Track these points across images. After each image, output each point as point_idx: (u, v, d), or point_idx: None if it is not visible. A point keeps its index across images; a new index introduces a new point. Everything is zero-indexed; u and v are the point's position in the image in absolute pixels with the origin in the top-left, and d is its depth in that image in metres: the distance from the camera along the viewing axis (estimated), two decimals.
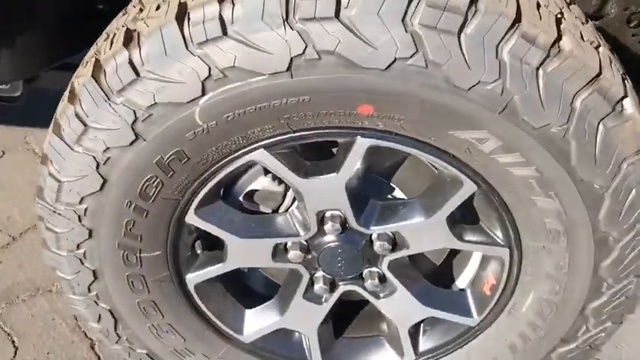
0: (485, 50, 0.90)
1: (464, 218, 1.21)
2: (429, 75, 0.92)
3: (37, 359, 1.74)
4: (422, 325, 1.40)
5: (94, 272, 1.23)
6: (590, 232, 1.09)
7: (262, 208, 1.29)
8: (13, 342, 1.78)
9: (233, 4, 0.90)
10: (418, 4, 0.88)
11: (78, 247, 1.19)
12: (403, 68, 0.91)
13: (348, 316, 1.48)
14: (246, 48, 0.91)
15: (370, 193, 1.21)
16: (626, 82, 1.00)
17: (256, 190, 1.27)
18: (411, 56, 0.90)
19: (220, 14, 0.91)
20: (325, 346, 1.44)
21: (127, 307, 1.30)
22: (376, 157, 1.16)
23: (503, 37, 0.90)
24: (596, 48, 0.97)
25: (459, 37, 0.89)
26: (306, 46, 0.90)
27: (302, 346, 1.43)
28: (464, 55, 0.90)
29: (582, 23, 1.01)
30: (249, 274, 1.44)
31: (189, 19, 0.92)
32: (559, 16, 0.95)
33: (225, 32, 0.91)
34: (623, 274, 1.15)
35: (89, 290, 1.27)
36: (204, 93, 0.96)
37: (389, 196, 1.27)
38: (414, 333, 1.39)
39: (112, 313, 1.31)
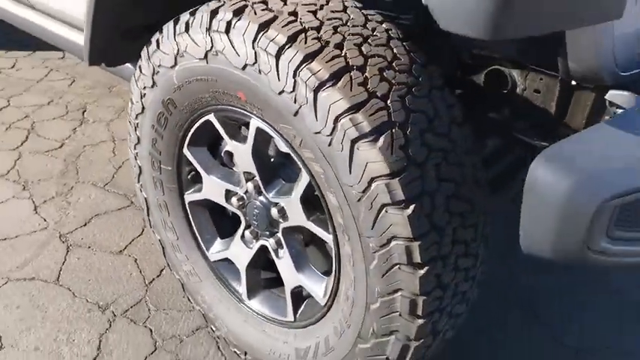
0: (289, 71, 1.41)
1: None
2: (261, 78, 1.47)
3: None
4: (309, 299, 1.83)
5: (140, 168, 2.05)
6: (357, 236, 1.44)
7: (234, 169, 1.92)
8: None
9: (193, 17, 1.62)
10: (262, 35, 1.45)
11: (135, 147, 2.02)
12: (251, 71, 1.49)
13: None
14: (191, 41, 1.61)
15: (284, 175, 1.74)
16: (393, 127, 1.36)
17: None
18: (253, 64, 1.47)
19: (187, 22, 1.63)
20: (251, 289, 1.96)
21: (152, 201, 2.08)
22: None
23: (299, 66, 1.40)
24: (373, 95, 1.36)
25: (277, 59, 1.43)
26: (212, 46, 1.56)
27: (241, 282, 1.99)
28: (278, 70, 1.43)
29: (386, 80, 1.39)
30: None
31: (179, 19, 1.67)
32: (352, 65, 1.38)
33: (187, 31, 1.63)
34: (384, 325, 1.47)
35: (138, 180, 2.09)
36: (176, 63, 1.69)
37: None
38: (298, 300, 1.83)
39: (146, 202, 2.11)
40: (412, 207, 1.36)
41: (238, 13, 1.50)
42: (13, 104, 3.71)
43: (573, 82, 1.60)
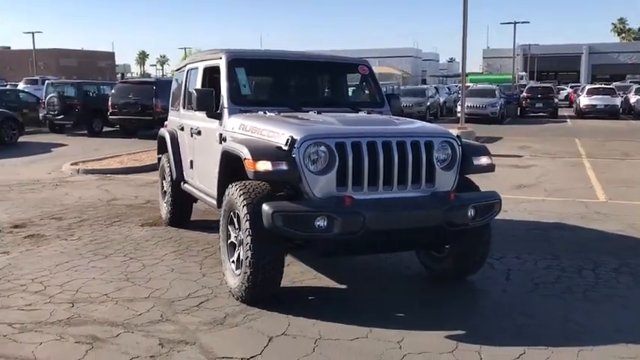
0: (244, 203, 6.13)
1: None
2: (236, 199, 6.20)
3: None
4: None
5: (220, 235, 6.78)
6: (246, 238, 5.99)
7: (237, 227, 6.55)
8: None
9: (228, 190, 6.47)
10: (239, 195, 6.22)
11: (219, 229, 6.79)
12: (234, 200, 6.23)
13: None
14: (232, 195, 6.44)
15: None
16: (256, 204, 5.94)
17: None
18: (234, 200, 6.22)
19: (230, 190, 6.49)
20: (237, 266, 6.43)
21: (221, 245, 6.77)
22: None
23: (242, 202, 6.12)
24: (254, 198, 5.99)
25: (239, 199, 6.16)
26: (228, 194, 6.36)
27: None
28: (241, 202, 6.16)
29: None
30: None
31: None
32: (253, 193, 6.05)
33: (230, 190, 6.46)
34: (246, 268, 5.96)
35: (220, 239, 6.81)
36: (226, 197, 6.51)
37: None
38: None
39: (220, 247, 6.80)
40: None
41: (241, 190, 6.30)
42: None
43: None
